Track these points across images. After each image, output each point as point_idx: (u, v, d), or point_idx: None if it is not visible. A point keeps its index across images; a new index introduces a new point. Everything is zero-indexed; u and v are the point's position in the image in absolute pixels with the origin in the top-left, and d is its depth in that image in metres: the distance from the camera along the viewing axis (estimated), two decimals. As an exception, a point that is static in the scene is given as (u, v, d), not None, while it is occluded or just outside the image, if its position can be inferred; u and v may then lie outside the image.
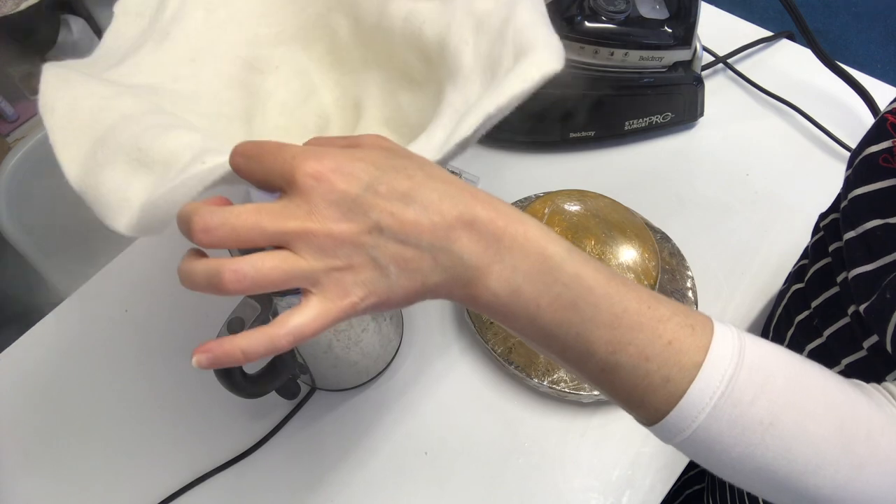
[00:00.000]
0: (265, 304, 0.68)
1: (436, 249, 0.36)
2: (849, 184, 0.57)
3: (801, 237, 0.85)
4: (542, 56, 0.46)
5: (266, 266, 0.35)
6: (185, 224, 0.36)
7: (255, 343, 0.37)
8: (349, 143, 0.39)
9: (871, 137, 0.56)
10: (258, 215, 0.35)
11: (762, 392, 0.36)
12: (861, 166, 0.56)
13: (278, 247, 0.36)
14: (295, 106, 0.63)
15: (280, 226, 0.35)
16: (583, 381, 0.48)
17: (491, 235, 0.36)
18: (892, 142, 0.53)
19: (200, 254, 0.38)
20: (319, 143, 0.40)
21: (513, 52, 0.49)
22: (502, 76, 0.48)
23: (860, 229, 0.54)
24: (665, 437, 0.39)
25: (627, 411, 0.41)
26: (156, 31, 0.57)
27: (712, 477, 0.83)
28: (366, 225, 0.35)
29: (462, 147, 0.46)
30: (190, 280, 0.37)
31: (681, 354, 0.37)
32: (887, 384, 0.44)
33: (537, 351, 0.47)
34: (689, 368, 0.36)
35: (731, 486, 0.79)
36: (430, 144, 0.46)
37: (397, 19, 0.56)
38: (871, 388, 0.43)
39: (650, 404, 0.38)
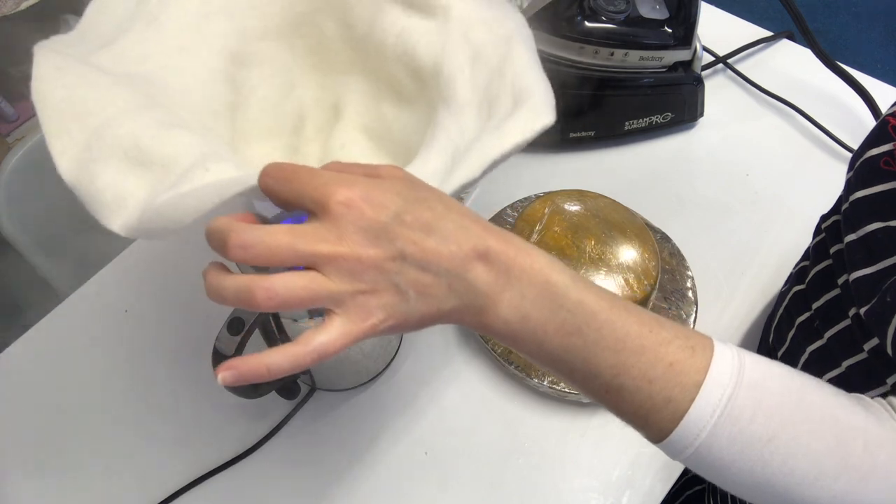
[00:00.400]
0: (265, 304, 0.68)
1: (452, 276, 0.38)
2: (850, 186, 0.57)
3: (801, 237, 0.85)
4: (540, 107, 0.48)
5: (297, 286, 0.36)
6: (220, 239, 0.37)
7: (280, 360, 0.38)
8: (369, 172, 0.40)
9: (872, 140, 0.56)
10: (292, 237, 0.36)
11: (760, 409, 0.37)
12: (862, 169, 0.56)
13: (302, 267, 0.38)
14: (275, 102, 0.62)
15: (312, 248, 0.36)
16: (591, 400, 0.49)
17: (502, 265, 0.38)
18: (893, 145, 0.53)
19: (224, 268, 0.39)
20: (339, 169, 0.41)
21: (511, 94, 0.49)
22: (502, 119, 0.48)
23: (861, 232, 0.54)
24: (671, 454, 0.41)
25: (635, 429, 0.42)
26: (143, 13, 0.56)
27: None
28: (391, 252, 0.37)
29: (466, 187, 0.47)
30: (218, 294, 0.38)
31: (682, 375, 0.38)
32: (890, 398, 0.44)
33: (547, 371, 0.48)
34: (690, 388, 0.38)
35: None
36: (426, 169, 0.47)
37: (390, 34, 0.56)
38: (874, 402, 0.44)
39: (654, 423, 0.39)
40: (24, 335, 0.96)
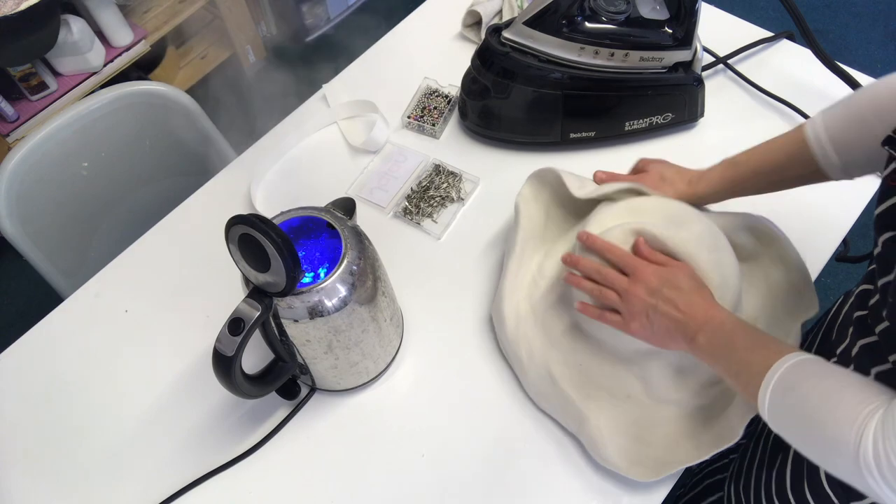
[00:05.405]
0: (266, 306, 0.68)
1: (676, 323, 0.71)
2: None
3: (801, 235, 0.85)
4: None
5: (611, 288, 0.75)
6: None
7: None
8: (662, 261, 0.74)
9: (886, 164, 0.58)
10: (617, 276, 0.74)
11: (792, 383, 0.59)
12: (880, 189, 0.58)
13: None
14: None
15: (623, 281, 0.74)
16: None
17: (702, 322, 0.69)
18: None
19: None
20: (649, 253, 0.76)
21: None
22: None
23: (879, 246, 0.56)
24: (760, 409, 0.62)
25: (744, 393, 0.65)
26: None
27: (739, 465, 0.85)
28: (653, 302, 0.71)
29: None
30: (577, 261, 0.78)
31: (757, 375, 0.62)
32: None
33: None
34: (760, 377, 0.62)
35: (757, 473, 0.80)
36: None
37: None
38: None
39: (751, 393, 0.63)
40: (24, 335, 0.96)
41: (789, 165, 0.76)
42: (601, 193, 0.84)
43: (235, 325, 0.67)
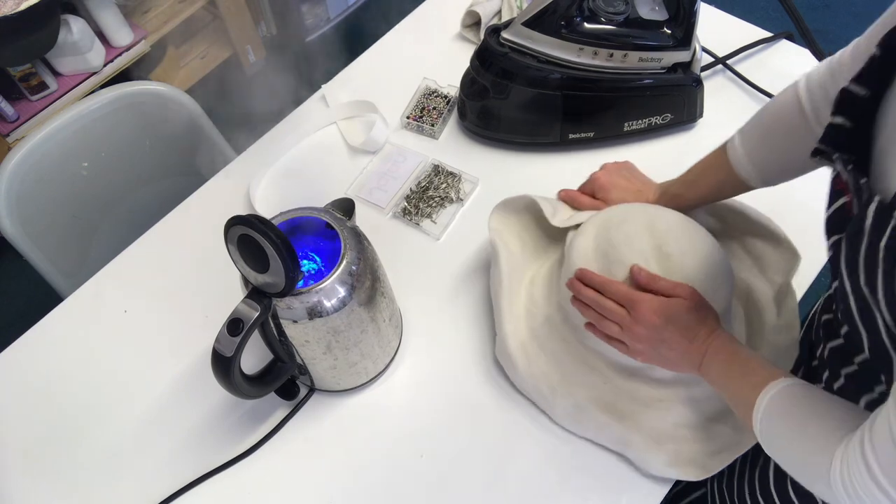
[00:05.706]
0: (265, 306, 0.68)
1: (681, 355, 0.71)
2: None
3: (801, 236, 0.85)
4: None
5: (614, 326, 0.74)
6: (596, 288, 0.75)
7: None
8: (665, 290, 0.72)
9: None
10: (622, 314, 0.72)
11: (776, 412, 0.61)
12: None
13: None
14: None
15: (625, 318, 0.73)
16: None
17: (704, 352, 0.69)
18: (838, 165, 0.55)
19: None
20: (647, 279, 0.73)
21: None
22: None
23: (829, 251, 0.56)
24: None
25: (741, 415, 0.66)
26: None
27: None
28: (658, 338, 0.71)
29: None
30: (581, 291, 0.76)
31: (749, 405, 0.63)
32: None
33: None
34: (753, 404, 0.63)
35: (740, 470, 0.81)
36: None
37: None
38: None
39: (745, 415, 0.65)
40: (24, 335, 0.96)
41: (723, 186, 0.82)
42: (575, 223, 0.85)
43: (234, 325, 0.67)
